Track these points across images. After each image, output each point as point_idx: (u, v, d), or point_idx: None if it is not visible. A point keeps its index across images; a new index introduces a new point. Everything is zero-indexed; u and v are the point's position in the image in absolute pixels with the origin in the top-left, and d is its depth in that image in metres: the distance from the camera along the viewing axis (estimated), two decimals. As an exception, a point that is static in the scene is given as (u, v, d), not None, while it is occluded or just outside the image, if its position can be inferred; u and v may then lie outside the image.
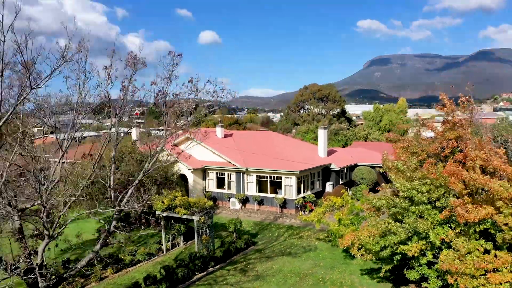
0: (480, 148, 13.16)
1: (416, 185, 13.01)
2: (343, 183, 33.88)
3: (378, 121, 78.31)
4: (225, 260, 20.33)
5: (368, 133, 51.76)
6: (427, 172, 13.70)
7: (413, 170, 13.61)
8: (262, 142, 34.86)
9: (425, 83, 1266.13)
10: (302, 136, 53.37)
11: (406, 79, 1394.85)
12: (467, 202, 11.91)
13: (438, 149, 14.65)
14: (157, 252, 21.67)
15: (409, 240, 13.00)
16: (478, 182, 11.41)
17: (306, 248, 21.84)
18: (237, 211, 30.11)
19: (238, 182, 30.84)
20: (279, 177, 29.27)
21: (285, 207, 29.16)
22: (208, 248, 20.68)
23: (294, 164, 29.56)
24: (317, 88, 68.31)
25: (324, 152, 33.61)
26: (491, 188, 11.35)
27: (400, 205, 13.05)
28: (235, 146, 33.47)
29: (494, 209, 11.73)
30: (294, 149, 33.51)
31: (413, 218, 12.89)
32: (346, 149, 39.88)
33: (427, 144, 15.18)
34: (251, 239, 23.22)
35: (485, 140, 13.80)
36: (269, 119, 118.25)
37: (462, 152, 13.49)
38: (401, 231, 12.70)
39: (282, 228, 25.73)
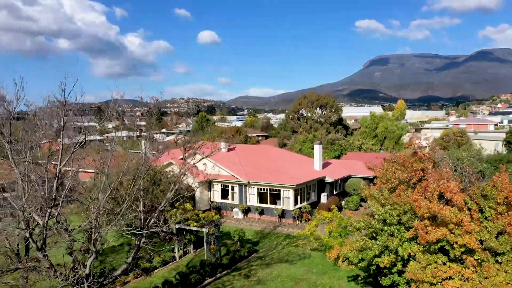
0: (439, 178, 16.20)
1: (388, 210, 16.08)
2: (337, 193, 36.96)
3: (374, 128, 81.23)
4: (230, 266, 23.39)
5: (362, 143, 54.68)
6: (399, 197, 16.76)
7: (385, 198, 16.66)
8: (262, 156, 37.91)
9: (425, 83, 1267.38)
10: (300, 145, 56.35)
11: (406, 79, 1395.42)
12: (427, 225, 14.96)
13: (408, 177, 17.68)
14: (171, 259, 24.73)
15: (382, 253, 16.05)
16: (433, 210, 14.45)
17: (301, 255, 24.91)
18: (239, 220, 33.19)
19: (240, 193, 33.92)
20: (278, 189, 32.35)
21: (284, 217, 32.23)
22: (216, 256, 23.73)
23: (291, 177, 32.61)
24: (315, 97, 71.28)
25: (319, 165, 36.66)
26: (443, 214, 14.40)
27: (375, 226, 16.11)
28: (238, 160, 36.52)
29: (447, 230, 14.79)
30: (291, 163, 36.56)
31: (385, 237, 15.96)
32: (340, 161, 42.91)
33: (400, 173, 18.19)
34: (253, 247, 26.29)
35: (443, 172, 16.78)
36: (269, 123, 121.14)
37: (426, 181, 16.53)
38: (376, 247, 15.77)
39: (281, 237, 28.80)
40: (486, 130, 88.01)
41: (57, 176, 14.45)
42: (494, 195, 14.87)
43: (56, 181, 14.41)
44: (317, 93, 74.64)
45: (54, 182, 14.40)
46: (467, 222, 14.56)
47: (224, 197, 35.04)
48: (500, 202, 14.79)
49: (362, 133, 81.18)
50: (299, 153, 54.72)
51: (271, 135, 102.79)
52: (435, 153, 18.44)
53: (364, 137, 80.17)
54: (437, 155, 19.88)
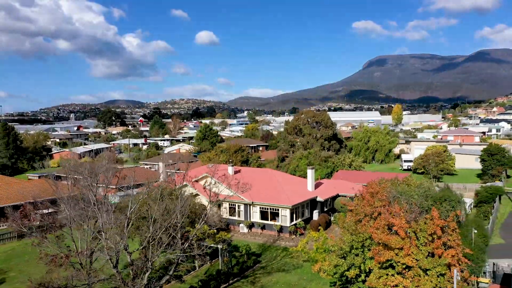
0: (393, 213, 22.74)
1: (355, 238, 22.64)
2: (327, 210, 43.56)
3: (366, 141, 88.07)
4: (240, 275, 29.97)
5: (352, 160, 61.10)
6: (364, 227, 23.31)
7: (353, 228, 23.21)
8: (263, 178, 44.43)
9: (424, 84, 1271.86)
10: (297, 161, 62.87)
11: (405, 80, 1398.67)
12: (380, 249, 21.50)
13: (371, 212, 24.21)
14: (192, 269, 31.30)
15: (350, 268, 22.60)
16: (383, 239, 20.97)
17: (295, 265, 31.49)
18: (245, 234, 39.77)
19: (245, 211, 40.51)
20: (277, 209, 38.96)
21: (282, 231, 38.82)
22: (228, 266, 30.31)
23: (288, 198, 39.17)
24: (312, 115, 77.91)
25: (312, 187, 43.22)
26: (390, 242, 20.96)
27: (345, 249, 22.69)
28: (243, 181, 42.97)
29: (394, 253, 21.34)
30: (288, 185, 43.08)
31: (352, 257, 22.52)
32: (330, 181, 49.41)
33: (367, 208, 24.70)
34: (257, 258, 32.89)
35: (394, 210, 23.25)
36: (269, 132, 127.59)
37: (381, 215, 23.07)
38: (345, 265, 22.34)
39: (279, 249, 35.37)
40: (471, 142, 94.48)
41: (129, 219, 20.96)
42: (425, 228, 21.41)
43: (127, 222, 20.95)
44: (313, 110, 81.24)
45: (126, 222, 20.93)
46: (407, 247, 21.11)
47: (232, 214, 41.63)
48: (430, 233, 21.31)
49: (355, 147, 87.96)
50: (296, 169, 61.44)
51: (271, 144, 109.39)
52: (390, 193, 24.85)
53: (357, 151, 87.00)
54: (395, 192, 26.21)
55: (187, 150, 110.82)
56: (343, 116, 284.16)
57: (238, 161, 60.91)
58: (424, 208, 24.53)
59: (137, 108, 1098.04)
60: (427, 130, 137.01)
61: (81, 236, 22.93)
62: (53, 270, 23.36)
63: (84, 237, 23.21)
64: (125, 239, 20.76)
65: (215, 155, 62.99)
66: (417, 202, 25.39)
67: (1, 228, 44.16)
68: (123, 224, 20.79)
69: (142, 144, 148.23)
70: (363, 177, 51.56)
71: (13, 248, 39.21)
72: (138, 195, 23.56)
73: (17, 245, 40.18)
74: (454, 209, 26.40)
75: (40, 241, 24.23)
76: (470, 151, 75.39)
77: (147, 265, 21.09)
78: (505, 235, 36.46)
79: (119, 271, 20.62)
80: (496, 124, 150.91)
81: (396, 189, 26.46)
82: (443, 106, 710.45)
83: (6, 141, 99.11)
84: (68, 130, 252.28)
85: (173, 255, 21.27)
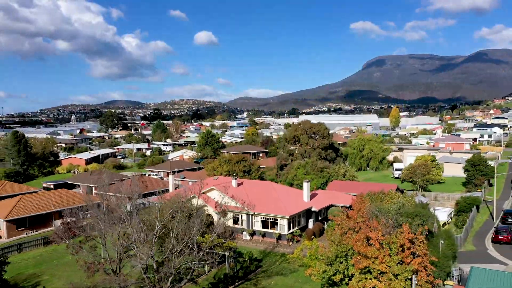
0: (372, 227, 27.56)
1: (339, 248, 27.48)
2: (321, 219, 48.39)
3: (361, 149, 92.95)
4: (244, 278, 34.81)
5: (346, 171, 65.84)
6: (348, 239, 28.14)
7: (339, 240, 28.05)
8: (263, 190, 49.27)
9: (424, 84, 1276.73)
10: (295, 171, 67.68)
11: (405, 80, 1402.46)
12: (360, 258, 26.34)
13: (354, 226, 29.03)
14: (203, 273, 36.12)
15: (335, 274, 27.43)
16: (362, 250, 25.78)
17: (291, 270, 36.32)
18: (247, 241, 44.60)
19: (248, 221, 45.36)
20: (276, 218, 43.80)
21: (280, 239, 43.65)
22: (234, 270, 35.14)
23: (286, 209, 44.01)
24: (309, 125, 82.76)
25: (307, 197, 48.05)
26: (368, 253, 25.78)
27: (331, 258, 27.53)
28: (245, 193, 47.87)
29: (371, 261, 26.18)
30: (286, 196, 47.92)
31: (337, 264, 27.35)
32: (324, 192, 54.19)
33: (350, 222, 29.48)
34: (259, 263, 37.73)
35: (372, 225, 28.02)
36: (269, 139, 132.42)
37: (361, 230, 27.90)
38: (331, 270, 27.17)
39: (278, 255, 40.21)
40: (461, 150, 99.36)
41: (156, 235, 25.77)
42: (396, 241, 26.25)
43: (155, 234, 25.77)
44: (310, 121, 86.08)
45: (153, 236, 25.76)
46: (381, 257, 25.95)
47: (236, 223, 46.46)
48: (400, 245, 26.16)
49: (351, 154, 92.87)
50: (294, 178, 66.28)
51: (270, 151, 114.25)
52: (370, 210, 29.61)
53: (352, 159, 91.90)
54: (374, 208, 30.93)
55: (190, 156, 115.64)
56: (341, 119, 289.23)
57: (240, 171, 65.69)
58: (399, 223, 29.22)
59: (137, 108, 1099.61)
60: (422, 136, 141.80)
61: (110, 244, 27.82)
62: (90, 275, 28.25)
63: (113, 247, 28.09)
64: (153, 251, 25.59)
65: (218, 165, 67.75)
66: (392, 217, 30.10)
67: (29, 235, 48.97)
68: (151, 238, 25.62)
69: (145, 149, 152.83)
70: (355, 187, 56.49)
71: (41, 254, 43.97)
72: (162, 213, 28.23)
73: (43, 251, 44.97)
74: (426, 223, 31.17)
75: (78, 251, 29.14)
76: (457, 160, 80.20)
77: (170, 271, 25.90)
78: (476, 243, 41.33)
79: (148, 276, 25.45)
80: (488, 129, 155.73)
81: (375, 206, 31.20)
82: (442, 107, 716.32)
83: (17, 149, 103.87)
84: (72, 134, 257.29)
85: (191, 263, 26.05)
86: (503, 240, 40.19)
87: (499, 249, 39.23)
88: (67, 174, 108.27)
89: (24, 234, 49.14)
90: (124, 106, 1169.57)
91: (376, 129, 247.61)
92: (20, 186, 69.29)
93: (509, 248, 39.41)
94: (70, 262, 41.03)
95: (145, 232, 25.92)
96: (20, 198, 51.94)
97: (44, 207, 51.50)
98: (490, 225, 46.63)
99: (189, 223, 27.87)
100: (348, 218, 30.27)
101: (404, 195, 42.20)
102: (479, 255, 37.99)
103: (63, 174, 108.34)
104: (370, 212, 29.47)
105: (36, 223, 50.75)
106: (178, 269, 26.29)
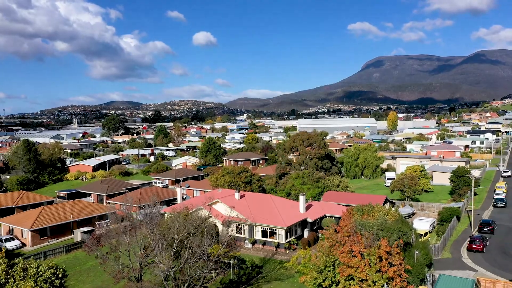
0: (355, 241, 32.66)
1: (328, 259, 32.56)
2: (316, 228, 53.46)
3: (356, 158, 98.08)
4: (246, 283, 39.89)
5: (340, 181, 70.87)
6: (335, 250, 33.23)
7: (328, 252, 33.12)
8: (264, 202, 54.35)
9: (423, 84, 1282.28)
10: (293, 181, 72.72)
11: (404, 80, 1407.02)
12: (344, 268, 31.44)
13: (340, 239, 34.09)
14: (210, 278, 41.12)
15: (325, 280, 32.50)
16: (346, 261, 30.86)
17: (288, 275, 41.38)
18: (249, 249, 49.67)
19: (249, 230, 50.43)
20: (274, 229, 48.88)
21: (278, 247, 48.72)
22: (237, 276, 40.20)
23: (283, 220, 49.07)
24: (306, 136, 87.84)
25: (303, 209, 53.12)
26: (350, 263, 30.87)
27: (321, 267, 32.60)
28: (247, 204, 52.95)
29: (353, 270, 31.28)
30: (283, 208, 52.97)
31: (326, 272, 32.43)
32: (319, 203, 59.19)
33: (338, 236, 34.52)
34: (259, 270, 42.80)
35: (355, 238, 33.06)
36: (268, 145, 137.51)
37: (347, 243, 32.99)
38: (320, 278, 32.26)
39: (276, 262, 45.28)
40: (451, 157, 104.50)
41: (176, 251, 30.83)
42: (375, 253, 31.31)
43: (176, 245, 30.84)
44: (308, 132, 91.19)
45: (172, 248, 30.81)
46: (362, 266, 31.03)
47: (238, 232, 51.50)
48: (378, 256, 31.24)
49: (346, 163, 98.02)
50: (292, 188, 71.29)
51: (270, 157, 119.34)
52: (354, 225, 34.57)
53: (348, 167, 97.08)
54: (358, 224, 35.86)
55: (193, 164, 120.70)
56: (339, 122, 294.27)
57: (241, 182, 70.71)
58: (379, 237, 34.14)
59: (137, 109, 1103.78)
60: (416, 142, 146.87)
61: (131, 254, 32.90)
62: (116, 282, 33.34)
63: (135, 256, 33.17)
64: (171, 262, 30.67)
65: (221, 176, 72.79)
66: (374, 232, 35.01)
67: (51, 243, 54.03)
68: (170, 252, 30.71)
69: (149, 155, 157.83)
70: (347, 198, 61.64)
71: (64, 260, 48.97)
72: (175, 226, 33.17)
73: (66, 257, 50.03)
74: (403, 237, 36.17)
75: (105, 260, 34.22)
76: (445, 169, 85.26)
77: (186, 278, 30.99)
78: (453, 251, 46.40)
79: (167, 283, 30.52)
80: (481, 135, 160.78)
81: (359, 221, 36.14)
82: (441, 108, 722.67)
83: (28, 158, 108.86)
84: (75, 137, 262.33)
85: (203, 272, 31.13)
86: (476, 248, 45.25)
87: (472, 257, 44.29)
88: (75, 181, 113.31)
89: (47, 243, 54.20)
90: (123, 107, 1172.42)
91: (374, 133, 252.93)
92: (36, 195, 74.40)
93: (481, 256, 44.47)
94: (92, 268, 46.19)
95: (164, 246, 30.97)
96: (42, 209, 56.99)
97: (64, 217, 56.52)
98: (468, 234, 51.64)
99: (202, 239, 32.91)
100: (336, 233, 35.37)
101: (389, 209, 47.20)
102: (454, 262, 43.06)
103: (71, 181, 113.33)
104: (354, 227, 34.46)
105: (56, 232, 55.79)
106: (192, 277, 31.35)
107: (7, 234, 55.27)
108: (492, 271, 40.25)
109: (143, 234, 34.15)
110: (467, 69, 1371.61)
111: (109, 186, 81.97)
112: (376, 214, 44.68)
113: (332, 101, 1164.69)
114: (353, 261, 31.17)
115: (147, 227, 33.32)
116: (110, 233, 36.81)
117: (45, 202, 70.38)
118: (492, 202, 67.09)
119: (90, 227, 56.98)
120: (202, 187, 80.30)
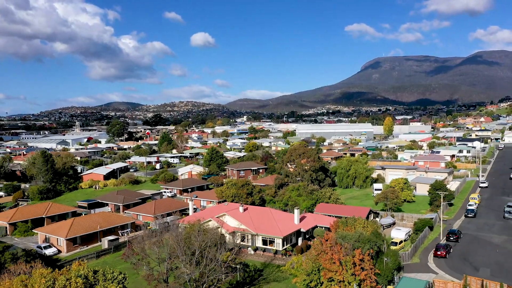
0: (336, 250, 41.89)
1: (314, 265, 41.76)
2: (308, 237, 62.67)
3: (348, 169, 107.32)
4: (250, 284, 49.06)
5: (331, 194, 79.99)
6: (321, 258, 42.45)
7: (314, 259, 42.28)
8: (264, 214, 63.58)
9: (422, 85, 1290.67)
10: (290, 193, 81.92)
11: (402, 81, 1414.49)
12: (326, 272, 40.65)
13: (324, 249, 43.24)
14: (219, 279, 50.27)
15: (312, 281, 41.67)
16: (327, 267, 40.01)
17: (284, 277, 50.53)
18: (252, 255, 58.86)
19: (252, 239, 59.65)
20: (273, 238, 58.11)
21: (277, 253, 57.95)
22: (243, 278, 49.37)
23: (281, 231, 58.24)
24: (302, 151, 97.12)
25: (297, 221, 62.32)
26: (331, 268, 40.07)
27: (309, 271, 41.78)
28: (250, 216, 62.17)
29: (333, 273, 40.50)
30: (281, 220, 62.14)
31: (313, 275, 41.60)
32: (312, 215, 68.36)
33: (323, 247, 43.64)
34: (260, 273, 52.00)
35: (336, 248, 42.19)
36: (268, 154, 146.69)
37: (328, 253, 42.20)
38: (308, 279, 41.44)
39: (275, 266, 54.46)
40: (437, 168, 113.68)
41: (197, 260, 40.06)
42: (350, 260, 40.49)
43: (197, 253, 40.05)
44: (304, 146, 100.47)
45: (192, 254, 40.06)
46: (340, 271, 40.22)
47: (242, 240, 60.73)
48: (352, 263, 40.39)
49: (339, 174, 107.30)
50: (289, 199, 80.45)
51: (269, 166, 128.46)
52: (336, 237, 43.72)
53: (340, 177, 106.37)
54: (339, 236, 44.99)
55: (198, 173, 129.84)
56: (337, 128, 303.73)
57: (244, 193, 79.95)
58: (355, 247, 43.25)
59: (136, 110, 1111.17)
60: (407, 151, 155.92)
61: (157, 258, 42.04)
62: (149, 283, 42.51)
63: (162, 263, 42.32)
64: (193, 267, 39.86)
65: (226, 188, 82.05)
66: (351, 243, 44.10)
67: (82, 250, 63.21)
68: (192, 260, 39.91)
69: (155, 162, 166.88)
70: (336, 210, 70.89)
71: (95, 265, 58.08)
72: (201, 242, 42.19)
73: (96, 262, 59.08)
74: (374, 247, 45.31)
75: (138, 265, 43.42)
76: (427, 181, 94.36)
77: (204, 280, 40.17)
78: (422, 257, 55.56)
79: (190, 283, 39.71)
80: (469, 143, 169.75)
81: (340, 234, 45.30)
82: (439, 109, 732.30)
83: (46, 168, 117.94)
84: (80, 143, 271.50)
85: (218, 275, 40.33)
86: (440, 255, 54.37)
87: (437, 262, 53.42)
88: (89, 190, 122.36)
89: (78, 249, 63.39)
90: (123, 107, 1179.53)
91: (370, 138, 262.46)
92: (62, 206, 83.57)
93: (444, 261, 53.59)
94: (122, 271, 55.26)
95: (188, 255, 40.16)
96: (74, 220, 66.24)
97: (92, 227, 65.71)
98: (438, 242, 60.81)
99: (217, 249, 42.10)
100: (321, 245, 44.63)
101: (370, 221, 56.45)
102: (421, 266, 52.22)
103: (85, 189, 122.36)
104: (335, 239, 43.66)
105: (85, 240, 64.96)
106: (211, 279, 40.57)
107: (44, 242, 64.44)
108: (450, 274, 49.41)
109: (169, 244, 43.29)
110: (465, 70, 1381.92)
111: (125, 196, 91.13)
112: (358, 226, 54.02)
113: (331, 102, 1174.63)
114: (333, 267, 40.38)
115: (173, 239, 42.46)
116: (140, 244, 45.94)
117: (69, 213, 79.68)
118: (464, 213, 76.22)
119: (115, 235, 66.16)
120: (209, 197, 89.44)
